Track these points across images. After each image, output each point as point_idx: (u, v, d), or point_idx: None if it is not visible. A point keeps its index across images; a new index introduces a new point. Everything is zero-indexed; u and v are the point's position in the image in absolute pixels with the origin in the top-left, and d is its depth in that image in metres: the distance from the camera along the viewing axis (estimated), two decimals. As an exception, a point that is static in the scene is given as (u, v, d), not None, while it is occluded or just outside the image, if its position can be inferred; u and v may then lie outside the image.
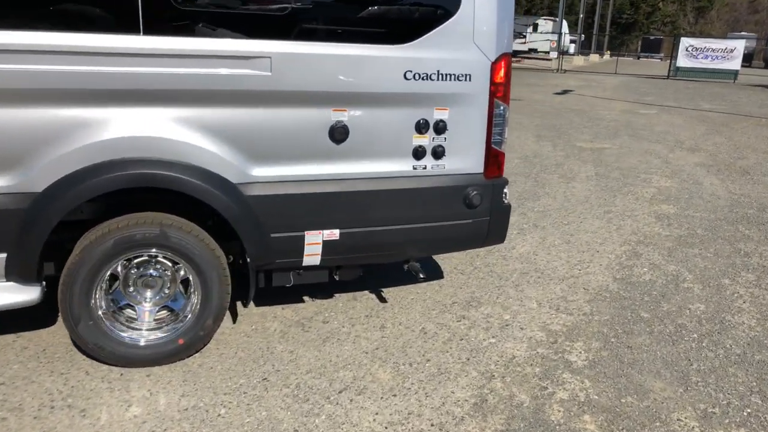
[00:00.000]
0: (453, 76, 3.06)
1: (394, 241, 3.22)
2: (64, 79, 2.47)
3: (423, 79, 3.01)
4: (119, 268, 2.87)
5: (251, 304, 3.65)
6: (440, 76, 3.03)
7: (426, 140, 3.13)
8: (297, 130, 2.88)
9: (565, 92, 19.14)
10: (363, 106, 2.95)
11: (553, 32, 33.32)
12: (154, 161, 2.65)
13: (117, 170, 2.59)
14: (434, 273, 4.30)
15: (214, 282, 2.87)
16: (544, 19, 38.24)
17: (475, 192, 3.25)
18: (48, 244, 2.72)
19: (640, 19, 65.83)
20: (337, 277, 3.37)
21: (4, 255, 2.60)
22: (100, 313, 2.78)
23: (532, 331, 3.52)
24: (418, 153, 3.12)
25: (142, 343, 2.88)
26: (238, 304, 3.64)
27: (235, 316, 3.48)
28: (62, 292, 2.68)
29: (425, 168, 3.17)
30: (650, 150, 9.69)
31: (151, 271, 2.94)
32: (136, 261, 2.89)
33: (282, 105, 2.82)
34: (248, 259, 2.95)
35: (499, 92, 3.19)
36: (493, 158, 3.28)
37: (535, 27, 36.40)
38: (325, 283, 3.35)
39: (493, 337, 3.43)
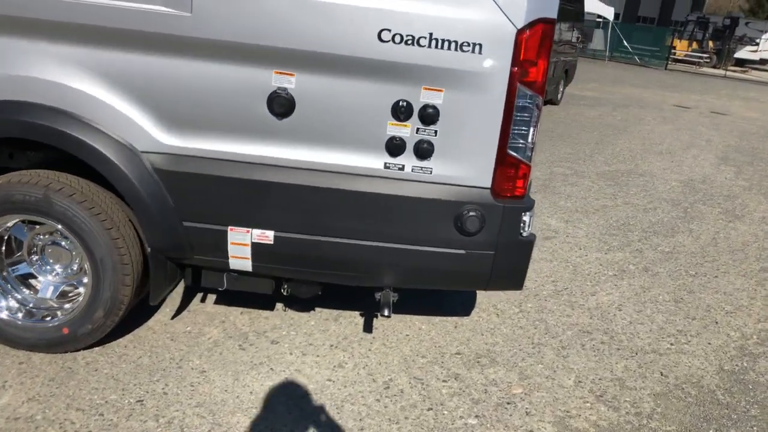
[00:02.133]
0: (453, 44, 2.12)
1: (351, 260, 2.40)
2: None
3: (407, 43, 2.12)
4: (22, 232, 2.46)
5: (211, 299, 3.08)
6: (433, 42, 2.12)
7: (406, 131, 2.24)
8: (224, 93, 2.18)
9: (789, 112, 15.77)
10: (317, 72, 2.16)
11: (797, 41, 27.95)
12: (30, 106, 2.15)
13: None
14: (461, 307, 3.35)
15: (106, 269, 2.33)
16: (789, 25, 32.20)
17: (472, 213, 2.29)
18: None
19: None
20: (285, 292, 2.65)
21: None
22: (-22, 278, 2.39)
23: (539, 422, 2.47)
24: (394, 146, 2.25)
25: (21, 323, 2.44)
26: (200, 295, 3.09)
27: (180, 311, 2.94)
28: (-62, 247, 2.33)
29: (402, 169, 2.28)
30: None
31: (62, 242, 2.49)
32: (43, 227, 2.46)
33: (205, 58, 2.14)
34: (147, 248, 2.36)
35: (527, 75, 2.17)
36: (508, 169, 2.28)
37: (775, 33, 30.80)
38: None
39: (476, 416, 2.46)
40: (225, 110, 2.21)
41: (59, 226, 2.31)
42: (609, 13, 24.32)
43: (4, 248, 2.48)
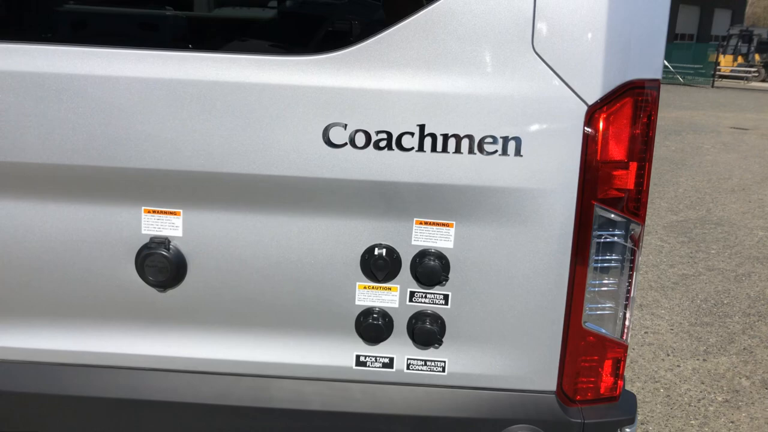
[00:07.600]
0: (465, 142, 1.11)
1: None
2: None
3: (377, 145, 1.12)
4: None
5: None
6: (426, 140, 1.11)
7: (391, 298, 1.22)
8: (60, 255, 1.22)
9: None
10: (217, 206, 1.18)
11: None
12: None
13: None
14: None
15: None
16: None
17: (526, 440, 1.23)
18: None
19: None
20: None
21: None
22: None
23: None
24: (371, 328, 1.22)
25: None
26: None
27: None
28: None
29: (389, 365, 1.25)
30: None
31: None
32: None
33: (19, 195, 1.19)
34: None
35: (610, 186, 1.14)
36: (586, 355, 1.23)
37: None
38: None
39: None
40: (63, 281, 1.23)
41: None
42: (645, 33, 23.10)
43: None
